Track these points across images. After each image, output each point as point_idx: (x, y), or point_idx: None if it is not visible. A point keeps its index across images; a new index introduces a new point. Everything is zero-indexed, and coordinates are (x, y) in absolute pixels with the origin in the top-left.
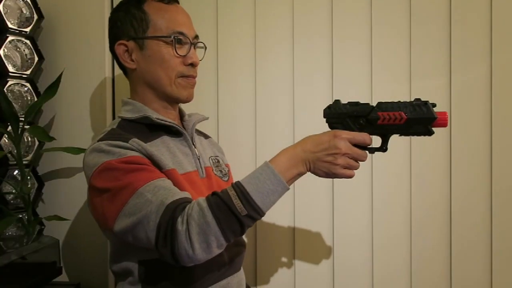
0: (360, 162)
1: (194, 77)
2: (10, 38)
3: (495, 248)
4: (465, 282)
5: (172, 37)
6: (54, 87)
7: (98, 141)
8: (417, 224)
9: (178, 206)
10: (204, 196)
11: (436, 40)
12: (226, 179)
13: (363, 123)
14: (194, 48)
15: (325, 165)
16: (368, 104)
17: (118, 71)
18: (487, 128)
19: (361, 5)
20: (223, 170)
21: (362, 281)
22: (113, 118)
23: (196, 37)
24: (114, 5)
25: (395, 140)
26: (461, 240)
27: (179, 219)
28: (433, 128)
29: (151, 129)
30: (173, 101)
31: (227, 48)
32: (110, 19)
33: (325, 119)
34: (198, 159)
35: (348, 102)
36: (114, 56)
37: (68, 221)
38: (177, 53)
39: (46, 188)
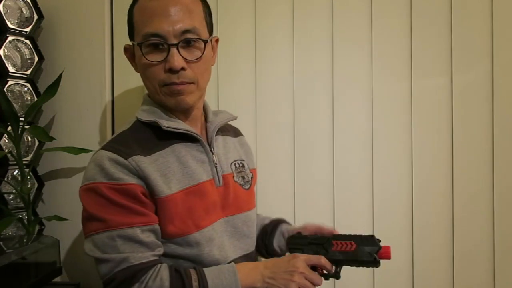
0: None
1: (177, 83)
2: (10, 38)
3: (497, 248)
4: (468, 283)
5: (137, 43)
6: (54, 87)
7: (103, 146)
8: (419, 224)
9: (140, 271)
10: (213, 207)
11: (437, 39)
12: (247, 187)
13: (319, 250)
14: (178, 48)
15: (282, 281)
16: (326, 236)
17: (118, 71)
18: (488, 127)
19: (362, 4)
20: (245, 177)
21: (363, 282)
22: (113, 118)
23: (186, 32)
24: (114, 6)
25: (396, 139)
26: (463, 240)
27: (136, 285)
28: (380, 260)
29: (163, 134)
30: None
31: (227, 49)
32: None
33: (288, 246)
34: (215, 166)
35: (309, 235)
36: None
37: (68, 221)
38: (148, 60)
39: (46, 188)
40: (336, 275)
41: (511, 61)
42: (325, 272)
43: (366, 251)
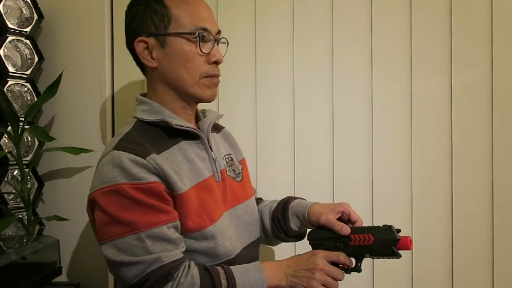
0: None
1: (218, 76)
2: (10, 38)
3: (497, 247)
4: (468, 283)
5: (197, 34)
6: (54, 87)
7: (115, 147)
8: (419, 224)
9: (173, 269)
10: (219, 201)
11: (437, 39)
12: (239, 179)
13: (339, 245)
14: (217, 44)
15: (304, 279)
16: None
17: (118, 71)
18: (488, 127)
19: (362, 4)
20: (236, 170)
21: (363, 282)
22: (113, 118)
23: (219, 32)
24: (114, 5)
25: (396, 140)
26: (463, 240)
27: (170, 283)
28: (399, 251)
29: (168, 133)
30: (195, 101)
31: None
32: (128, 13)
33: (308, 242)
34: (214, 162)
35: (328, 228)
36: (132, 52)
37: (68, 221)
38: (201, 51)
39: (46, 188)
40: (357, 269)
41: (511, 61)
42: (345, 266)
43: (384, 244)
